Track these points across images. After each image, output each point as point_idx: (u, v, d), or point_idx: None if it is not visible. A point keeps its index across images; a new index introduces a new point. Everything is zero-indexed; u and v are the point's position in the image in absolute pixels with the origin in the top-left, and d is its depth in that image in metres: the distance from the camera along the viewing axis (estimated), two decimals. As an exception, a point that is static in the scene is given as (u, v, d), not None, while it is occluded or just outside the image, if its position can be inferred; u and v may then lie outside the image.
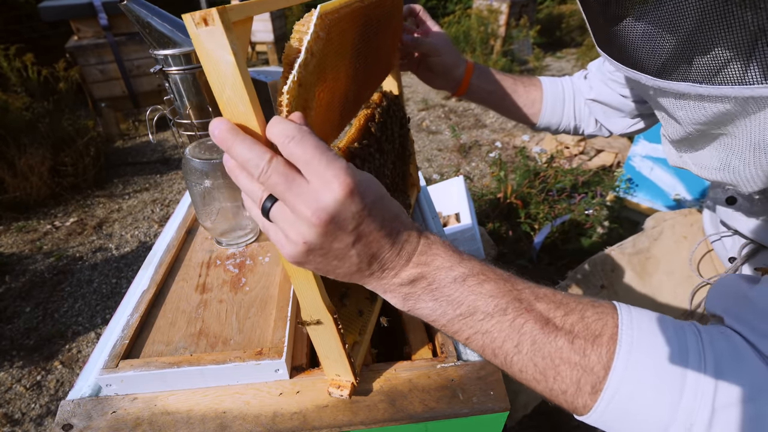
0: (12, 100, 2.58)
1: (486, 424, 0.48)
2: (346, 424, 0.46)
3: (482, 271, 0.35)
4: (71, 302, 1.87)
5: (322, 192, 0.30)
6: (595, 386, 0.32)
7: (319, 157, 0.30)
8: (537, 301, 0.34)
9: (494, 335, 0.34)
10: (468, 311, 0.34)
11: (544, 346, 0.33)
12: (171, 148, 3.07)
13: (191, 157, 0.60)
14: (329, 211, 0.30)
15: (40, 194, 2.42)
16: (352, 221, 0.31)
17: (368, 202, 0.32)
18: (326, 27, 0.35)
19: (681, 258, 0.78)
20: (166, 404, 0.48)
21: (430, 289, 0.35)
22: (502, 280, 0.35)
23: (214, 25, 0.27)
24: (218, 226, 0.65)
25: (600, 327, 0.33)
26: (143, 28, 0.60)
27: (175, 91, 0.67)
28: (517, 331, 0.33)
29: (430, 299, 0.35)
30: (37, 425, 1.41)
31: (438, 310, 0.35)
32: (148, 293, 0.58)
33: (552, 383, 0.33)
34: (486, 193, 2.25)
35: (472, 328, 0.34)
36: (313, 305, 0.41)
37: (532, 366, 0.33)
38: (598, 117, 0.79)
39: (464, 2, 5.28)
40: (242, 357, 0.49)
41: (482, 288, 0.34)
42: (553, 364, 0.33)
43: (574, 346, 0.32)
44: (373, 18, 0.48)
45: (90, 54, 2.99)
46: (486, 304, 0.34)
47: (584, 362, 0.32)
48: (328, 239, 0.32)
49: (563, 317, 0.33)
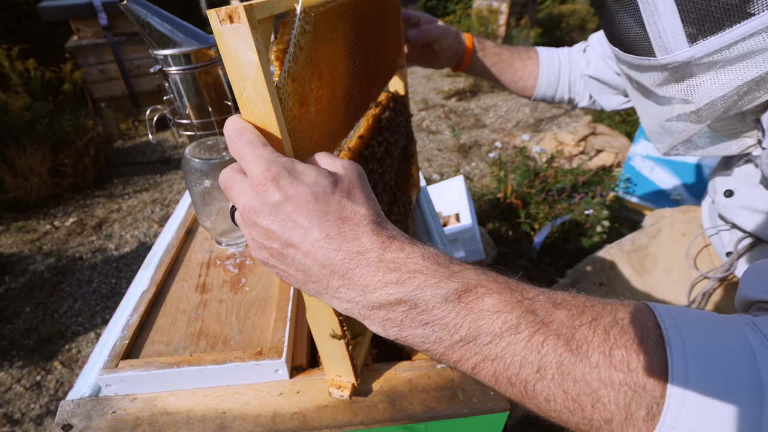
0: (12, 100, 2.58)
1: (486, 424, 0.48)
2: (346, 424, 0.46)
3: (480, 282, 0.28)
4: (71, 302, 1.87)
5: (247, 186, 0.30)
6: (651, 409, 0.24)
7: (250, 152, 0.30)
8: (556, 310, 0.27)
9: (507, 361, 0.27)
10: (469, 335, 0.27)
11: (574, 366, 0.25)
12: (171, 148, 3.07)
13: (191, 157, 0.60)
14: (250, 205, 0.30)
15: (39, 194, 2.42)
16: (270, 216, 0.29)
17: (293, 193, 0.29)
18: (312, 21, 0.35)
19: (679, 255, 0.79)
20: (166, 404, 0.48)
21: (416, 313, 0.28)
22: (508, 290, 0.28)
23: (240, 22, 0.27)
24: (218, 226, 0.65)
25: (639, 330, 0.26)
26: (143, 28, 0.60)
27: (175, 91, 0.66)
28: (536, 351, 0.26)
29: (418, 325, 0.28)
30: (37, 425, 1.41)
31: (431, 337, 0.28)
32: (147, 293, 0.58)
33: (591, 413, 0.25)
34: (486, 193, 2.25)
35: (478, 354, 0.27)
36: (320, 306, 0.41)
37: (562, 394, 0.26)
38: (593, 92, 0.80)
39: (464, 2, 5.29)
40: (242, 357, 0.49)
41: (483, 303, 0.27)
42: (590, 388, 0.25)
43: (613, 361, 0.25)
44: (365, 14, 0.49)
45: (90, 54, 2.99)
46: (491, 323, 0.27)
47: (631, 380, 0.25)
48: (261, 236, 0.30)
49: (591, 324, 0.26)
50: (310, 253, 0.29)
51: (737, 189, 0.61)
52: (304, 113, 0.36)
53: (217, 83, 0.67)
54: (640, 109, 0.58)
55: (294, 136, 0.34)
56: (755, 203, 0.58)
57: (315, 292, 0.31)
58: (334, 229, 0.29)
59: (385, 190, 0.59)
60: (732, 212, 0.62)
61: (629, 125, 2.73)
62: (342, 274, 0.29)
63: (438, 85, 4.21)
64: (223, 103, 0.69)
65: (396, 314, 0.29)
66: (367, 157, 0.55)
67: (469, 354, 0.28)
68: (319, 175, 0.30)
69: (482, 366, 0.28)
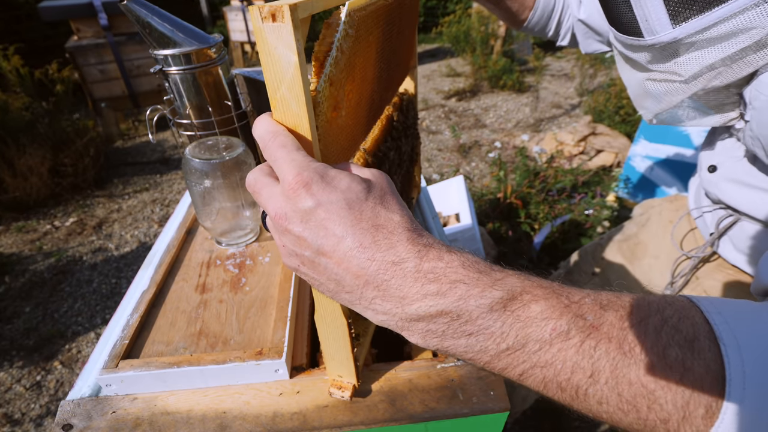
0: (12, 100, 2.58)
1: (486, 424, 0.48)
2: (346, 424, 0.46)
3: (525, 289, 0.27)
4: (71, 302, 1.87)
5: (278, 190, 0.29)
6: (710, 407, 0.24)
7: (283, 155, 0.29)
8: (604, 312, 0.27)
9: (558, 367, 0.26)
10: (517, 343, 0.27)
11: (628, 369, 0.25)
12: (171, 148, 3.07)
13: (191, 157, 0.60)
14: (282, 211, 0.29)
15: (39, 194, 2.42)
16: (302, 222, 0.28)
17: (325, 200, 0.28)
18: (354, 24, 0.35)
19: (667, 241, 0.80)
20: (166, 404, 0.48)
21: (459, 324, 0.27)
22: (554, 295, 0.27)
23: (283, 22, 0.26)
24: (218, 226, 0.65)
25: (689, 327, 0.26)
26: (143, 28, 0.60)
27: (175, 91, 0.66)
28: (588, 357, 0.26)
29: (461, 335, 0.27)
30: (37, 425, 1.41)
31: (475, 347, 0.27)
32: (148, 293, 0.58)
33: (647, 413, 0.25)
34: (486, 193, 2.25)
35: (526, 362, 0.27)
36: (331, 308, 0.41)
37: (616, 397, 0.26)
38: (578, 35, 0.80)
39: (464, 2, 5.29)
40: (242, 357, 0.49)
41: (530, 311, 0.27)
42: (646, 390, 0.25)
43: (668, 361, 0.25)
44: (395, 17, 0.49)
45: (90, 54, 2.99)
46: (540, 331, 0.26)
47: (688, 379, 0.24)
48: (292, 243, 0.30)
49: (641, 324, 0.26)
50: (343, 262, 0.28)
51: (721, 164, 0.62)
52: (336, 117, 0.36)
53: (217, 83, 0.67)
54: (627, 74, 0.60)
55: (323, 140, 0.34)
56: (738, 176, 0.59)
57: (348, 303, 0.30)
58: (368, 237, 0.28)
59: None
60: (716, 186, 0.63)
61: (629, 125, 2.73)
62: (377, 285, 0.28)
63: (438, 85, 4.21)
64: (223, 103, 0.69)
65: (437, 326, 0.28)
66: (382, 159, 0.55)
67: (516, 362, 0.27)
68: (351, 181, 0.29)
69: (530, 373, 0.27)
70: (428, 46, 5.40)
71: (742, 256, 0.61)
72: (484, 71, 4.02)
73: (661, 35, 0.45)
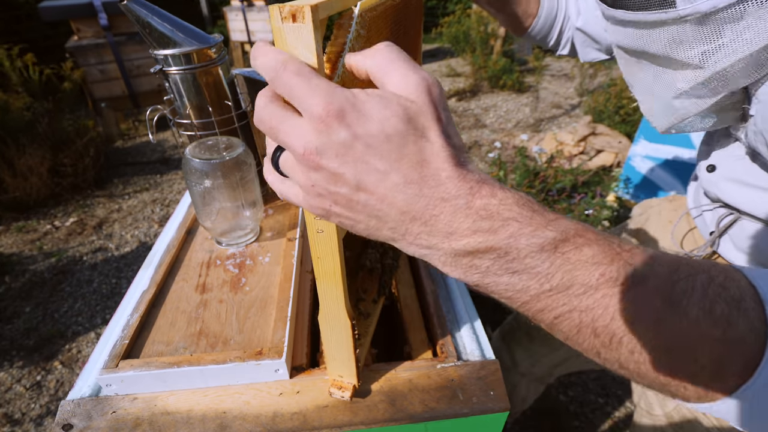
0: (12, 100, 2.58)
1: (486, 424, 0.48)
2: (346, 424, 0.46)
3: (578, 232, 0.26)
4: (71, 302, 1.87)
5: (303, 122, 0.26)
6: (747, 364, 0.25)
7: (302, 84, 0.26)
8: (653, 264, 0.26)
9: (598, 313, 0.26)
10: (562, 285, 0.26)
11: (671, 319, 0.25)
12: (171, 148, 3.07)
13: (191, 157, 0.60)
14: (312, 146, 0.26)
15: (39, 194, 2.42)
16: (338, 157, 0.26)
17: (362, 132, 0.25)
18: (366, 24, 0.35)
19: (668, 241, 0.80)
20: (166, 404, 0.48)
21: (505, 261, 0.26)
22: (606, 242, 0.26)
23: (303, 22, 0.26)
24: (218, 226, 0.65)
25: (735, 288, 0.25)
26: (143, 28, 0.60)
27: (175, 91, 0.67)
28: (632, 303, 0.25)
29: (505, 273, 0.26)
30: (37, 425, 1.41)
31: (517, 285, 0.27)
32: (148, 293, 0.58)
33: (679, 366, 0.25)
34: (486, 193, 2.25)
35: (566, 305, 0.26)
36: (335, 309, 0.41)
37: (651, 348, 0.25)
38: (576, 43, 0.80)
39: (464, 2, 5.29)
40: (242, 357, 0.49)
41: (581, 254, 0.26)
42: (686, 341, 0.25)
43: (713, 316, 0.24)
44: (402, 18, 0.49)
45: (90, 54, 2.99)
46: (588, 275, 0.25)
47: (730, 334, 0.24)
48: (325, 180, 0.27)
49: (688, 279, 0.25)
50: (387, 198, 0.26)
51: (720, 163, 0.62)
52: None
53: (217, 83, 0.67)
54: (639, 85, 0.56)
55: None
56: (737, 175, 0.58)
57: (389, 238, 0.28)
58: (414, 173, 0.26)
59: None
60: (716, 186, 0.62)
61: (629, 125, 2.73)
62: (425, 221, 0.26)
63: (438, 85, 4.20)
64: (223, 103, 0.69)
65: (482, 261, 0.26)
66: None
67: (555, 304, 0.26)
68: (386, 108, 0.26)
69: (567, 317, 0.26)
70: (428, 46, 5.40)
71: (743, 255, 0.61)
72: (484, 71, 4.02)
73: (699, 3, 0.38)
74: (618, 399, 1.45)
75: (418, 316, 0.61)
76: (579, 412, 1.42)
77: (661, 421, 0.71)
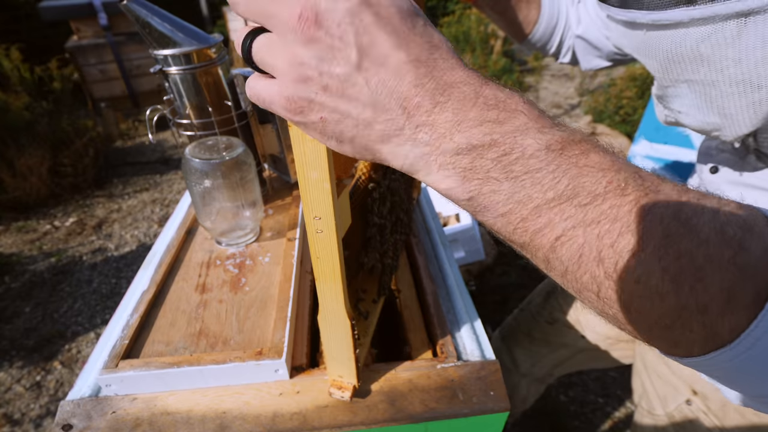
0: (12, 100, 2.59)
1: (486, 424, 0.48)
2: (346, 424, 0.46)
3: (584, 138, 0.24)
4: (71, 302, 1.87)
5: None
6: (759, 294, 0.21)
7: None
8: (661, 182, 0.23)
9: (604, 228, 0.22)
10: (567, 193, 0.23)
11: (681, 239, 0.22)
12: (171, 148, 3.07)
13: (191, 157, 0.60)
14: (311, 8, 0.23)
15: (39, 194, 2.42)
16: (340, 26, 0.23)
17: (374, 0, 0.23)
18: None
19: None
20: (166, 404, 0.48)
21: (508, 162, 0.23)
22: (612, 154, 0.24)
23: None
24: (218, 226, 0.65)
25: (747, 215, 0.23)
26: (143, 28, 0.60)
27: (175, 91, 0.66)
28: (641, 217, 0.22)
29: (506, 178, 0.23)
30: (37, 426, 1.41)
31: (518, 194, 0.23)
32: (147, 293, 0.58)
33: (687, 295, 0.22)
34: (486, 193, 2.25)
35: (571, 218, 0.23)
36: (335, 309, 0.41)
37: (660, 271, 0.22)
38: (577, 51, 0.80)
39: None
40: (242, 357, 0.49)
41: (588, 159, 0.23)
42: (694, 265, 0.21)
43: (725, 237, 0.21)
44: None
45: (90, 54, 2.99)
46: (596, 182, 0.22)
47: (743, 258, 0.21)
48: (317, 55, 0.23)
49: (700, 200, 0.23)
50: (391, 79, 0.23)
51: (722, 165, 0.61)
52: None
53: (217, 83, 0.67)
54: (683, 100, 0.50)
55: None
56: (741, 177, 0.58)
57: (381, 136, 0.25)
58: (425, 53, 0.24)
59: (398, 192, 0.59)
60: (718, 188, 0.62)
61: (629, 125, 2.73)
62: (429, 108, 0.23)
63: (438, 85, 4.21)
64: (223, 103, 0.69)
65: (483, 161, 0.23)
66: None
67: (559, 218, 0.23)
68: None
69: (570, 235, 0.23)
70: (428, 46, 5.40)
71: None
72: (484, 71, 4.00)
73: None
74: (618, 399, 1.45)
75: (418, 316, 0.61)
76: (579, 412, 1.42)
77: (663, 421, 0.71)
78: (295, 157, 0.31)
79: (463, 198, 0.25)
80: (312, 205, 0.33)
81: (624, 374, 1.51)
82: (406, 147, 0.25)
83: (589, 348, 0.91)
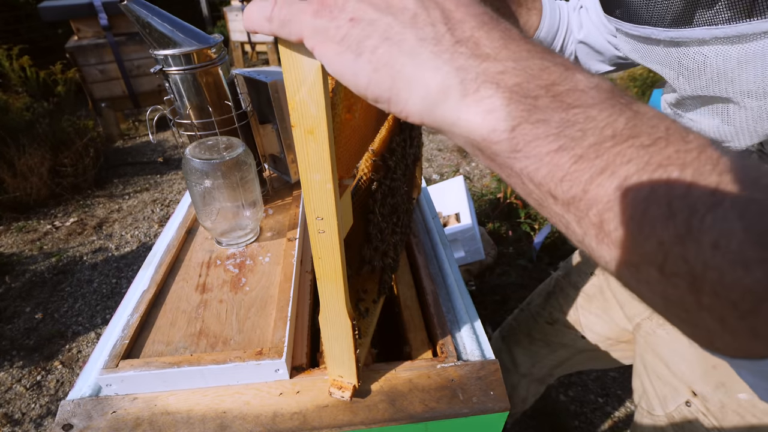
0: (12, 101, 2.59)
1: (486, 424, 0.48)
2: (346, 424, 0.46)
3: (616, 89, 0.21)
4: (71, 302, 1.87)
5: None
6: None
7: None
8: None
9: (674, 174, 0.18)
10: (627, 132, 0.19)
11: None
12: (171, 148, 3.07)
13: (191, 157, 0.60)
14: None
15: (40, 194, 2.42)
16: None
17: None
18: None
19: None
20: (166, 404, 0.48)
21: (557, 92, 0.20)
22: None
23: None
24: (218, 226, 0.65)
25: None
26: (143, 28, 0.60)
27: (175, 91, 0.67)
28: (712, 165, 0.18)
29: (558, 108, 0.20)
30: (37, 425, 1.41)
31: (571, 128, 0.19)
32: (148, 293, 0.58)
33: None
34: (486, 193, 2.25)
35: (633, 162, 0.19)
36: (336, 309, 0.41)
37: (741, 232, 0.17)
38: (580, 56, 0.80)
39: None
40: (242, 357, 0.49)
41: (639, 106, 0.20)
42: None
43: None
44: None
45: (90, 54, 2.99)
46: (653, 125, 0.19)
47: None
48: None
49: None
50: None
51: None
52: (350, 119, 0.36)
53: (217, 83, 0.67)
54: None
55: (337, 143, 0.34)
56: None
57: (412, 46, 0.21)
58: None
59: (399, 192, 0.59)
60: None
61: (629, 125, 2.73)
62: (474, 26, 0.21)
63: (438, 85, 4.20)
64: (223, 103, 0.69)
65: (531, 87, 0.20)
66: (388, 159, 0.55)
67: (620, 160, 0.19)
68: None
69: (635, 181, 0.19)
70: (428, 46, 5.40)
71: None
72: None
73: None
74: (618, 399, 1.45)
75: (418, 316, 0.61)
76: (579, 412, 1.42)
77: (662, 422, 0.71)
78: (298, 159, 0.31)
79: (503, 128, 0.20)
80: (314, 206, 0.33)
81: (624, 374, 1.51)
82: (440, 60, 0.21)
83: (589, 349, 0.91)
